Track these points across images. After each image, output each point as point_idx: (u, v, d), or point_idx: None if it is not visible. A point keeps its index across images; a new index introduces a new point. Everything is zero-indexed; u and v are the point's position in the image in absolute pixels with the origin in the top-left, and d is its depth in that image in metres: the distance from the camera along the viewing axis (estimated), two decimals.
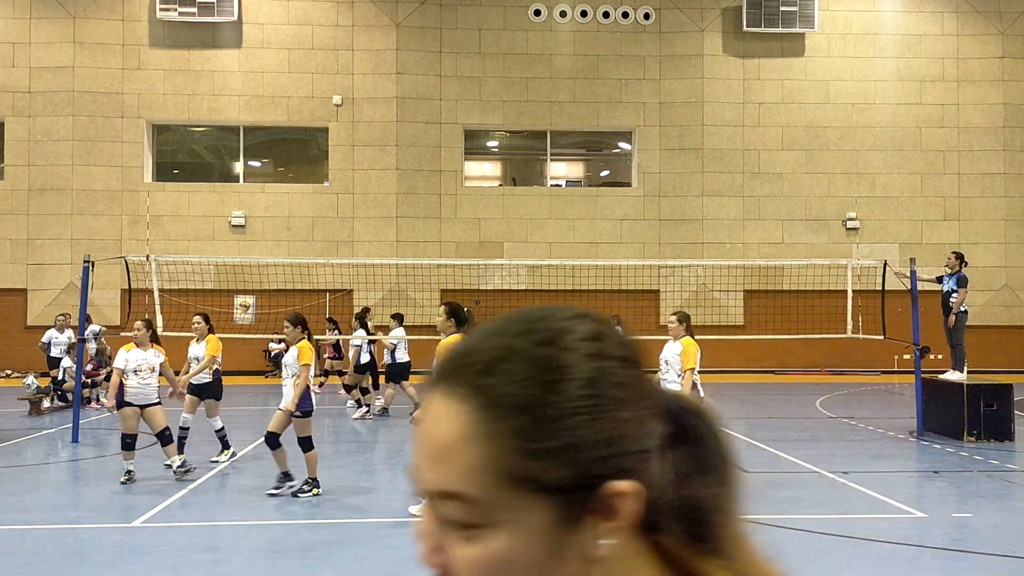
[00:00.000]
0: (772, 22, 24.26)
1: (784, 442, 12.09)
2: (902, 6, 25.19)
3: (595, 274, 22.46)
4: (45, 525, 7.45)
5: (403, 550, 6.69)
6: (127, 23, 23.75)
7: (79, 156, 23.48)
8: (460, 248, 24.03)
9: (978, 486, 9.17)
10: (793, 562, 6.35)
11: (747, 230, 24.66)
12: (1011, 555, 6.58)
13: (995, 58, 25.12)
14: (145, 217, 22.96)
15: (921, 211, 24.95)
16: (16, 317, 23.25)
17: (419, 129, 24.24)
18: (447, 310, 7.96)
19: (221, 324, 19.98)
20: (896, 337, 14.18)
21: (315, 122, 24.19)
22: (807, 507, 8.15)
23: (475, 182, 25.45)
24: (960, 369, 12.73)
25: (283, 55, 24.01)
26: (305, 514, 7.83)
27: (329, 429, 13.97)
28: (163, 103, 23.81)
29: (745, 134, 24.77)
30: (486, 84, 24.47)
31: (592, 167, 26.80)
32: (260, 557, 6.53)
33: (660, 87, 24.71)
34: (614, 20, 24.67)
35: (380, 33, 24.18)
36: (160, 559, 6.48)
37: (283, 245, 23.63)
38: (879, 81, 25.00)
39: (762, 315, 22.95)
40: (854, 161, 24.89)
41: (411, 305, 23.00)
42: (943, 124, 25.03)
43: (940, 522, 7.62)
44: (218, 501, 8.35)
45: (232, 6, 23.30)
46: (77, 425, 11.98)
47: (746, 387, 20.71)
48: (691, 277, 24.14)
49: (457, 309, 7.96)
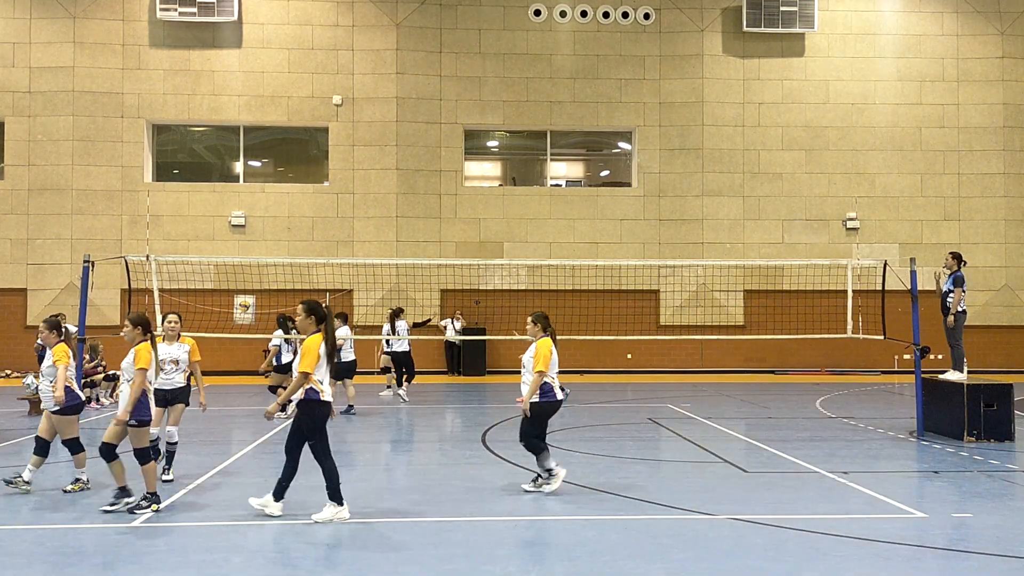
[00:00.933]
0: (772, 22, 24.26)
1: (784, 442, 12.09)
2: (902, 6, 25.20)
3: (595, 274, 22.48)
4: (45, 525, 7.45)
5: (403, 550, 6.69)
6: (127, 23, 23.76)
7: (79, 156, 23.49)
8: (460, 248, 24.04)
9: (978, 486, 9.17)
10: (793, 562, 6.37)
11: (747, 230, 24.67)
12: (1011, 555, 6.58)
13: (995, 58, 25.12)
14: (145, 217, 22.98)
15: (921, 211, 24.95)
16: (16, 317, 23.26)
17: (419, 129, 24.25)
18: (305, 309, 7.67)
19: (221, 324, 20.04)
20: (896, 337, 14.19)
21: (315, 122, 24.20)
22: (807, 507, 8.15)
23: (475, 182, 25.46)
24: (960, 369, 12.73)
25: (283, 55, 24.02)
26: (305, 514, 7.83)
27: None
28: (163, 103, 23.82)
29: (745, 134, 24.78)
30: (486, 84, 24.48)
31: (592, 167, 26.80)
32: (260, 557, 6.53)
33: (660, 87, 24.72)
34: (614, 20, 24.68)
35: (380, 33, 24.19)
36: (160, 559, 6.48)
37: (283, 245, 23.65)
38: (879, 81, 25.00)
39: (762, 315, 22.97)
40: (854, 161, 24.89)
41: (411, 305, 23.01)
42: (943, 124, 25.03)
43: (940, 522, 7.62)
44: (218, 501, 8.35)
45: (232, 6, 23.31)
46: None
47: (746, 387, 20.71)
48: (691, 277, 24.15)
49: (316, 307, 7.70)
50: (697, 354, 24.66)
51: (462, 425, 14.58)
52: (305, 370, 7.38)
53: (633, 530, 7.27)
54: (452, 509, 8.12)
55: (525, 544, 6.85)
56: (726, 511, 7.91)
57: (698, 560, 6.42)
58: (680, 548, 6.73)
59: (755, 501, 8.37)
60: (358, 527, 7.45)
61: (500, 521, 7.65)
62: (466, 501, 8.46)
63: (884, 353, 23.32)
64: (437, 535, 7.11)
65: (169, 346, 9.21)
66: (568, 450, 11.40)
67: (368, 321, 22.97)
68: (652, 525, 7.48)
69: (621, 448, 11.68)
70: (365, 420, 14.93)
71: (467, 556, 6.51)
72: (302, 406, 7.53)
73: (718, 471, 10.06)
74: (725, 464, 10.43)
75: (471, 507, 8.22)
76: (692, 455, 11.17)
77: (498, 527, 7.44)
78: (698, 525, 7.46)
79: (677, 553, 6.60)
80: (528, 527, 7.42)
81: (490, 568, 6.21)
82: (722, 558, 6.47)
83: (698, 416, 14.97)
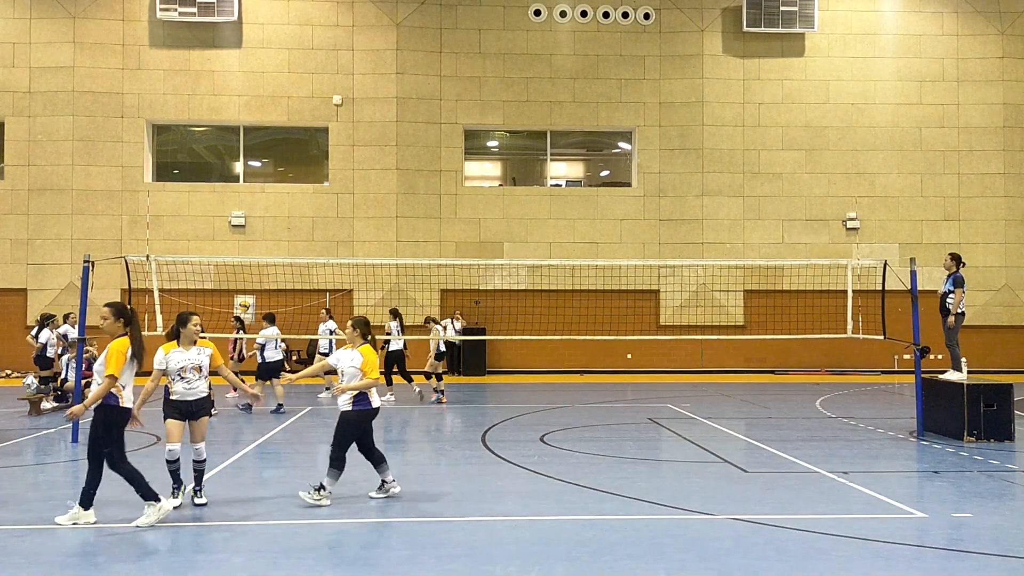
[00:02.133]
0: (772, 22, 24.27)
1: (784, 442, 12.09)
2: (902, 6, 25.20)
3: (595, 274, 22.48)
4: (45, 525, 7.44)
5: (403, 550, 6.69)
6: (127, 23, 23.76)
7: (79, 156, 23.49)
8: (460, 248, 24.04)
9: (978, 486, 9.17)
10: (793, 562, 6.37)
11: (747, 230, 24.67)
12: (1011, 555, 6.58)
13: (995, 58, 25.13)
14: (145, 217, 22.98)
15: (921, 211, 24.95)
16: (16, 317, 23.27)
17: (419, 129, 24.25)
18: (113, 311, 7.45)
19: (222, 324, 20.03)
20: (896, 337, 14.19)
21: (315, 122, 24.20)
22: (807, 507, 8.15)
23: (475, 182, 25.46)
24: (959, 369, 12.73)
25: (283, 55, 24.03)
26: (305, 514, 7.83)
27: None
28: (163, 103, 23.82)
29: (745, 134, 24.78)
30: (486, 84, 24.48)
31: (592, 167, 26.80)
32: (260, 557, 6.53)
33: (660, 87, 24.72)
34: (614, 20, 24.68)
35: (380, 33, 24.19)
36: (160, 559, 6.48)
37: (283, 245, 23.65)
38: (879, 81, 25.00)
39: (762, 315, 22.97)
40: (854, 161, 24.90)
41: (411, 305, 23.04)
42: (943, 124, 25.04)
43: (940, 522, 7.62)
44: (218, 501, 8.35)
45: (232, 6, 23.31)
46: (77, 425, 11.97)
47: (746, 387, 20.71)
48: (691, 277, 24.15)
49: (122, 309, 7.52)
50: (697, 354, 24.66)
51: (462, 425, 14.58)
52: (112, 372, 7.19)
53: (633, 530, 7.27)
54: (452, 509, 8.11)
55: (525, 544, 6.85)
56: (726, 511, 7.91)
57: (698, 560, 6.42)
58: (680, 548, 6.73)
59: (755, 501, 8.37)
60: (358, 527, 7.45)
61: (500, 521, 7.64)
62: (466, 501, 8.46)
63: (884, 353, 23.33)
64: (437, 535, 7.11)
65: (187, 351, 8.09)
66: (568, 450, 11.40)
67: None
68: (652, 525, 7.48)
69: (621, 448, 11.67)
70: None
71: (467, 556, 6.51)
72: (99, 411, 7.30)
73: (718, 471, 10.06)
74: (725, 464, 10.43)
75: (471, 507, 8.22)
76: (692, 455, 11.17)
77: (498, 527, 7.44)
78: (698, 525, 7.46)
79: (677, 553, 6.60)
80: (528, 527, 7.42)
81: (490, 568, 6.21)
82: (722, 558, 6.46)
83: (698, 416, 14.97)
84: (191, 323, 8.19)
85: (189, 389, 8.08)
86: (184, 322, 8.16)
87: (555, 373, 23.79)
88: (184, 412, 8.11)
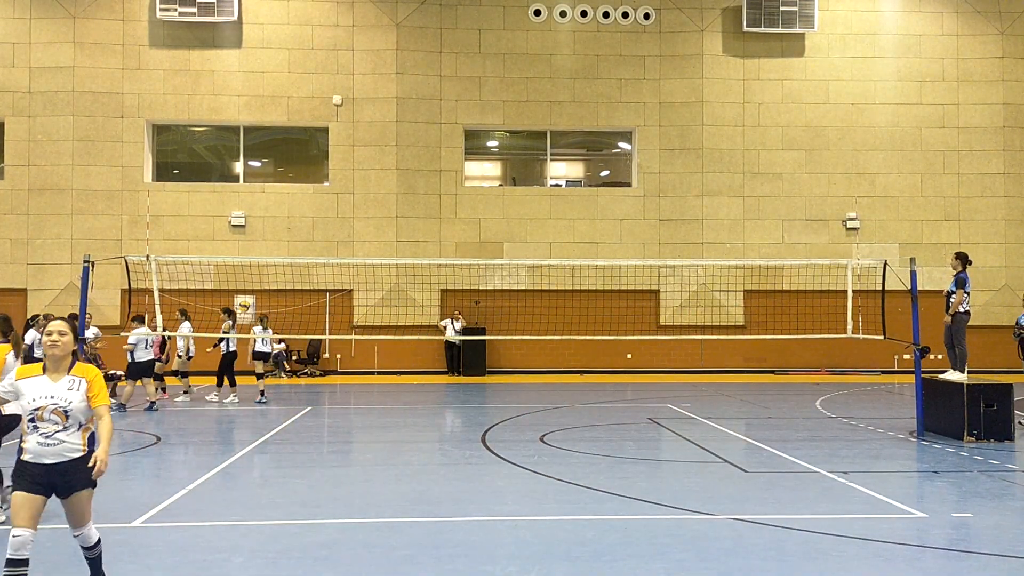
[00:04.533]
0: (772, 22, 24.26)
1: (784, 442, 12.09)
2: (902, 6, 25.20)
3: (595, 274, 22.48)
4: (45, 525, 7.44)
5: (403, 550, 6.69)
6: (127, 23, 23.75)
7: (79, 156, 23.49)
8: (460, 248, 24.04)
9: (978, 486, 9.17)
10: (793, 562, 6.37)
11: (747, 230, 24.67)
12: (1011, 555, 6.58)
13: (995, 58, 25.13)
14: (145, 217, 22.97)
15: (921, 211, 24.96)
16: (16, 317, 23.19)
17: (419, 129, 24.24)
18: None
19: (221, 324, 19.99)
20: (896, 337, 14.19)
21: (315, 122, 24.19)
22: (807, 507, 8.16)
23: (475, 182, 25.46)
24: (960, 369, 12.73)
25: (283, 55, 24.02)
26: (305, 514, 7.83)
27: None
28: (163, 103, 23.82)
29: (745, 134, 24.78)
30: (486, 84, 24.48)
31: (592, 167, 26.80)
32: (260, 557, 6.53)
33: (660, 87, 24.72)
34: (614, 20, 24.68)
35: (380, 33, 24.18)
36: (160, 559, 6.48)
37: (283, 245, 23.65)
38: (879, 81, 25.00)
39: (762, 315, 22.96)
40: (854, 161, 24.90)
41: (411, 305, 23.05)
42: (943, 124, 25.04)
43: (940, 522, 7.62)
44: (218, 501, 8.35)
45: (232, 6, 23.31)
46: None
47: (746, 387, 20.71)
48: (691, 277, 24.15)
49: (5, 319, 7.34)
50: (697, 354, 24.66)
51: (462, 425, 14.58)
52: None
53: (633, 530, 7.27)
54: (452, 509, 8.11)
55: (525, 544, 6.85)
56: (726, 511, 7.91)
57: (698, 560, 6.42)
58: (680, 548, 6.73)
59: (755, 501, 8.37)
60: (358, 527, 7.45)
61: (500, 521, 7.64)
62: (466, 501, 8.46)
63: (884, 353, 23.33)
64: (437, 535, 7.11)
65: (54, 382, 5.09)
66: (568, 450, 11.40)
67: (368, 321, 22.99)
68: (652, 525, 7.48)
69: (621, 448, 11.68)
70: (364, 420, 14.94)
71: (467, 556, 6.51)
72: None
73: (718, 471, 10.06)
74: (725, 464, 10.43)
75: (471, 507, 8.22)
76: (692, 455, 11.17)
77: (498, 527, 7.44)
78: (698, 525, 7.46)
79: (677, 553, 6.60)
80: (528, 527, 7.42)
81: (490, 568, 6.21)
82: (722, 558, 6.46)
83: (698, 416, 14.97)
84: (58, 331, 5.09)
85: (47, 446, 4.98)
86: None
87: (555, 373, 23.79)
88: (42, 483, 5.00)
